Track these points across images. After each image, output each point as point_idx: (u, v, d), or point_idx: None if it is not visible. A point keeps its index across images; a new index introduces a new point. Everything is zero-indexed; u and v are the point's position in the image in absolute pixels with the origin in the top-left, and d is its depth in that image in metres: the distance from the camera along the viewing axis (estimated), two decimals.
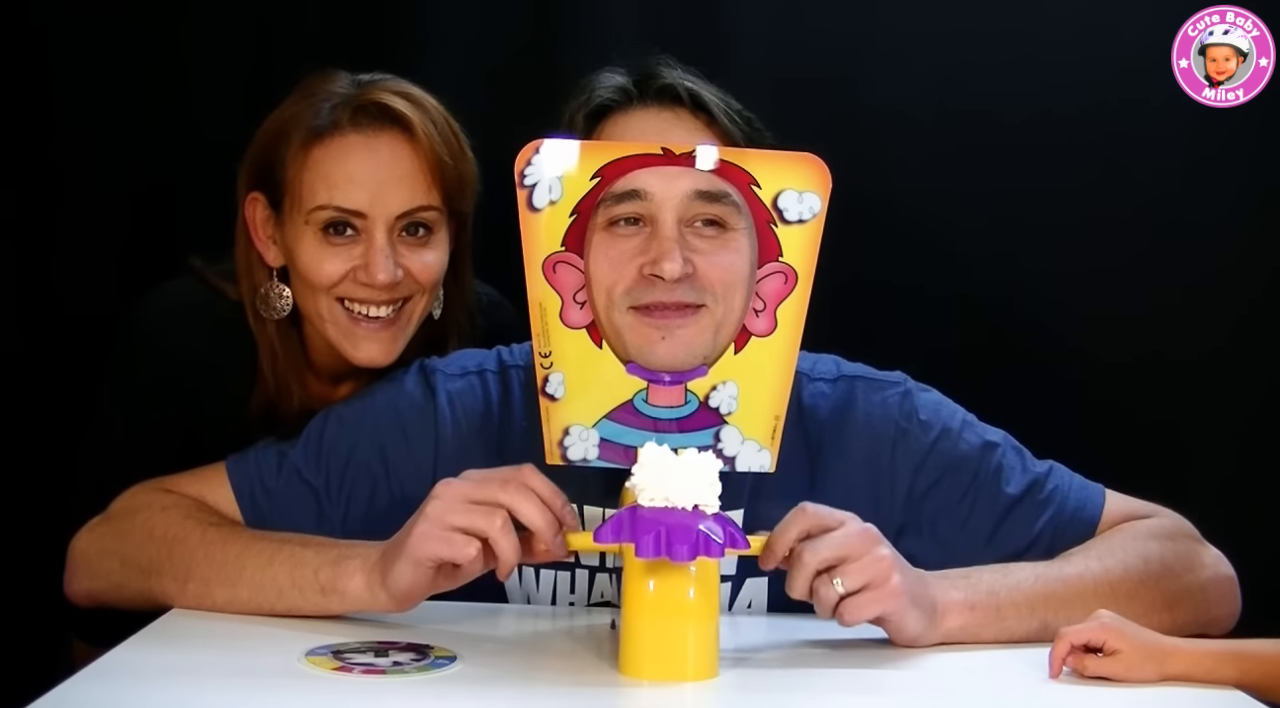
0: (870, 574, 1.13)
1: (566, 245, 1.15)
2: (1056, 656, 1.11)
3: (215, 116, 1.72)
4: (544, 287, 1.15)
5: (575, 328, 1.16)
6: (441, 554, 1.11)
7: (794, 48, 1.75)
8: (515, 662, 1.14)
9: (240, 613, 1.20)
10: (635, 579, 1.09)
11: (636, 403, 1.16)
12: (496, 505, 1.11)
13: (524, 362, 1.35)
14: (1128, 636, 1.11)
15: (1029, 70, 1.74)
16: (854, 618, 1.13)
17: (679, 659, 1.09)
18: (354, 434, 1.32)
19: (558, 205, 1.14)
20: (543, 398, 1.15)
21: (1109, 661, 1.11)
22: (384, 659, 1.10)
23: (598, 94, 1.30)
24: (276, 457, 1.32)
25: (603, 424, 1.16)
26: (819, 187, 1.16)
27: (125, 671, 1.07)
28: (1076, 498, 1.33)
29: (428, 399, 1.33)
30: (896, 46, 1.76)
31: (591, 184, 1.15)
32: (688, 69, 1.31)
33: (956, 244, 1.76)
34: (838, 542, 1.13)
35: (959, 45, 1.75)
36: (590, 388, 1.16)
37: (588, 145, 1.17)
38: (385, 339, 1.39)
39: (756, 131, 1.31)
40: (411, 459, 1.31)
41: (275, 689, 1.04)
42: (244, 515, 1.30)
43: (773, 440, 1.17)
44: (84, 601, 1.31)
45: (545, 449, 1.16)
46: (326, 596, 1.18)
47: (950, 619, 1.19)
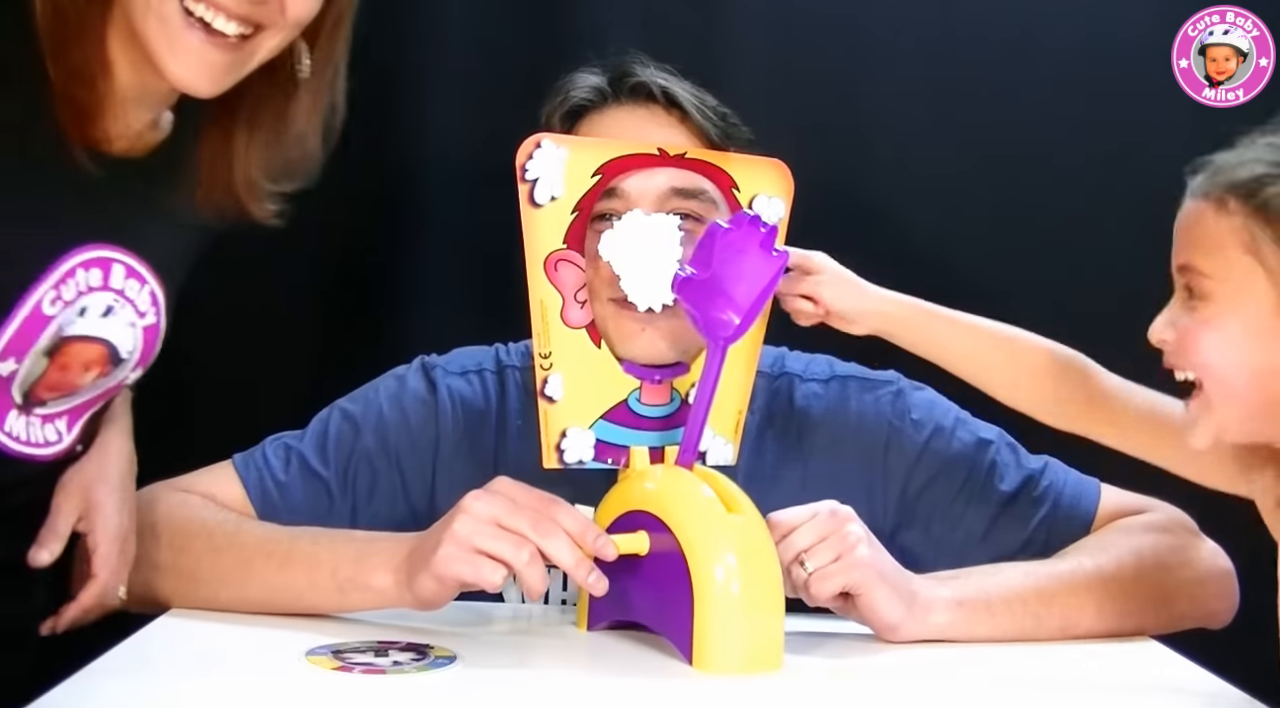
0: (836, 549, 1.14)
1: (568, 243, 1.16)
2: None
3: None
4: (545, 285, 1.16)
5: (576, 327, 1.17)
6: (466, 577, 1.10)
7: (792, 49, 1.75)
8: (515, 662, 1.14)
9: (251, 611, 1.19)
10: (704, 571, 1.08)
11: (630, 402, 1.17)
12: (525, 539, 1.09)
13: (520, 362, 1.38)
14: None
15: (1029, 70, 1.74)
16: (820, 590, 1.14)
17: (751, 651, 1.09)
18: (359, 425, 1.34)
19: (559, 202, 1.15)
20: (542, 400, 1.15)
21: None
22: (384, 659, 1.10)
23: (573, 95, 1.33)
24: (284, 451, 1.33)
25: (599, 425, 1.16)
26: (783, 191, 1.23)
27: (125, 670, 1.06)
28: (1071, 494, 1.33)
29: (430, 393, 1.35)
30: (894, 46, 1.75)
31: (593, 181, 1.15)
32: (661, 67, 1.34)
33: (954, 244, 1.76)
34: (808, 531, 1.14)
35: (958, 45, 1.75)
36: (588, 389, 1.17)
37: (588, 142, 1.18)
38: (216, 64, 1.08)
39: (733, 127, 1.34)
40: (415, 452, 1.33)
41: (275, 689, 1.04)
42: (256, 509, 1.30)
43: (735, 434, 1.21)
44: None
45: (543, 453, 1.16)
46: (346, 593, 1.17)
47: (936, 614, 1.19)
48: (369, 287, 1.72)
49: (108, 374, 1.15)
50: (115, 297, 1.13)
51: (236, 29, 1.07)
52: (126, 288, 1.13)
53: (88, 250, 1.10)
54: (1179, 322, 1.03)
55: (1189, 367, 1.03)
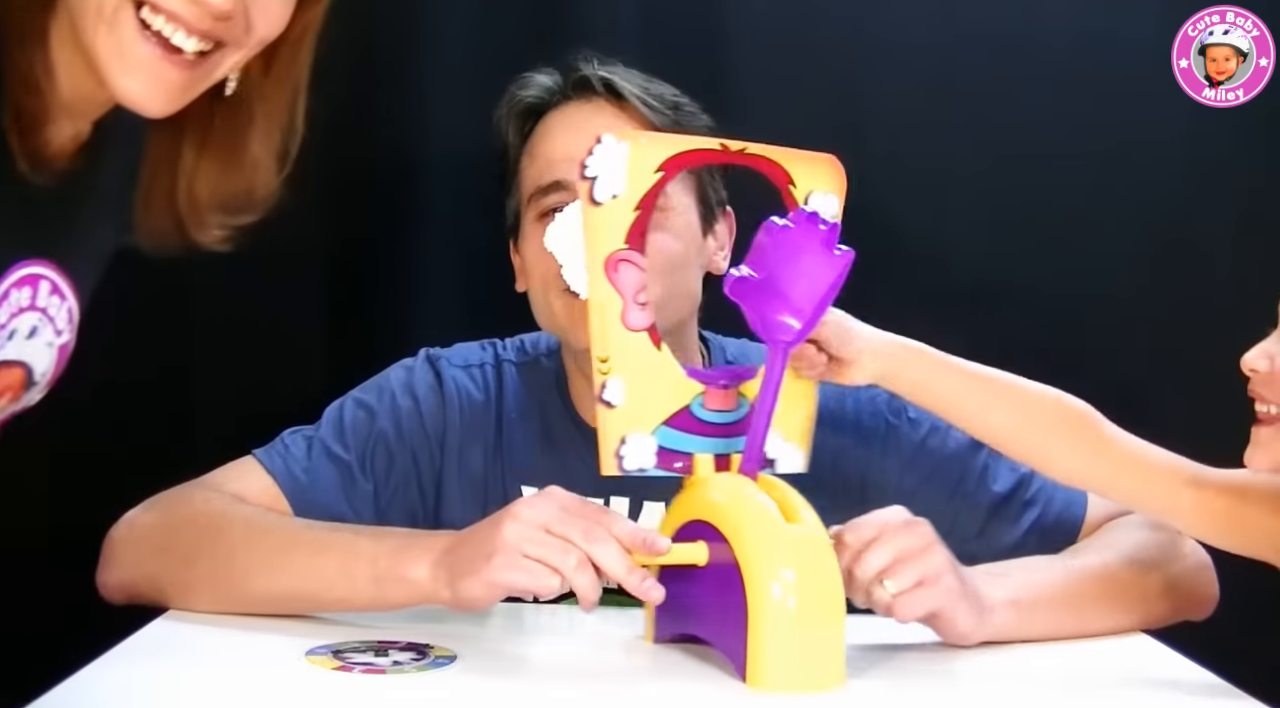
0: (920, 572, 1.12)
1: (629, 243, 1.12)
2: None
3: None
4: (605, 287, 1.11)
5: (637, 330, 1.13)
6: (520, 584, 1.09)
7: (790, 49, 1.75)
8: (515, 662, 1.14)
9: (278, 607, 1.19)
10: (759, 585, 1.05)
11: (694, 408, 1.14)
12: (573, 545, 1.08)
13: (516, 357, 1.42)
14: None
15: (1028, 70, 1.74)
16: (906, 615, 1.13)
17: (809, 668, 1.06)
18: (374, 411, 1.37)
19: (620, 200, 1.11)
20: (600, 405, 1.12)
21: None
22: (384, 659, 1.10)
23: (521, 95, 1.37)
24: (303, 440, 1.35)
25: (661, 431, 1.13)
26: (837, 188, 1.19)
27: (125, 671, 1.07)
28: (1062, 499, 1.35)
29: (438, 384, 1.38)
30: (894, 45, 1.75)
31: (655, 178, 1.12)
32: (605, 61, 1.36)
33: (953, 243, 1.76)
34: (886, 549, 1.12)
35: (957, 46, 1.75)
36: (650, 394, 1.12)
37: (649, 138, 1.15)
38: (172, 82, 0.97)
39: (688, 115, 1.35)
40: (425, 439, 1.36)
41: (275, 689, 1.04)
42: (286, 495, 1.31)
43: (805, 440, 1.18)
44: (116, 593, 1.29)
45: (600, 460, 1.12)
46: (382, 585, 1.15)
47: (997, 615, 1.18)
48: (369, 284, 1.72)
49: (17, 400, 1.05)
50: (40, 316, 1.03)
51: (196, 45, 0.96)
52: (49, 305, 1.04)
53: (22, 268, 1.01)
54: (1278, 357, 1.09)
55: (1276, 399, 1.08)
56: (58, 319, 1.05)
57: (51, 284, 1.04)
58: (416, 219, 1.71)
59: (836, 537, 1.12)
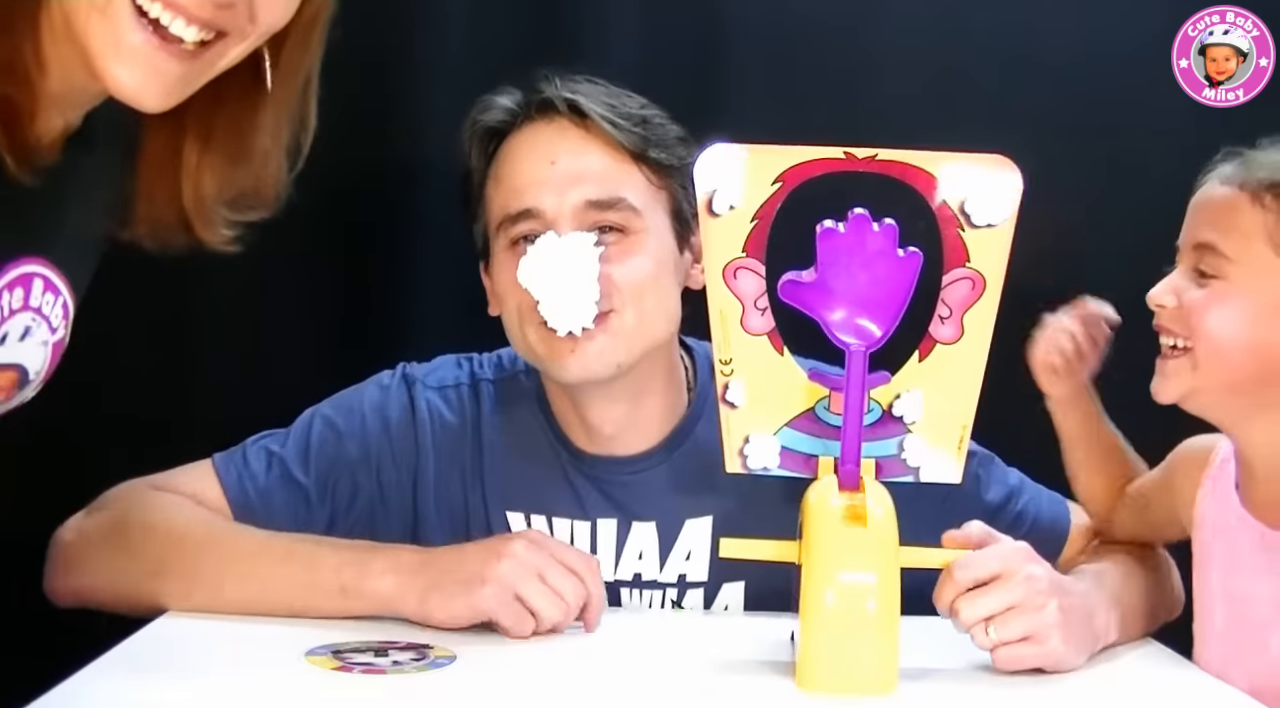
0: (1028, 627, 1.11)
1: (747, 251, 1.12)
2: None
3: None
4: (724, 293, 1.12)
5: (757, 334, 1.13)
6: (502, 620, 1.16)
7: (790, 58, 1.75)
8: (515, 662, 1.14)
9: (249, 613, 1.20)
10: (813, 591, 1.06)
11: (818, 411, 1.13)
12: (565, 602, 1.17)
13: (493, 374, 1.40)
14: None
15: (1028, 70, 1.74)
16: (1006, 666, 1.12)
17: (858, 672, 1.06)
18: (342, 433, 1.35)
19: (738, 211, 1.11)
20: (723, 405, 1.13)
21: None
22: (384, 659, 1.10)
23: (482, 119, 1.35)
24: (265, 454, 1.33)
25: (784, 432, 1.13)
26: (1009, 189, 1.15)
27: (125, 671, 1.07)
28: (1049, 510, 1.39)
29: (410, 409, 1.37)
30: (894, 45, 1.75)
31: (773, 189, 1.11)
32: (568, 78, 1.33)
33: None
34: (999, 596, 1.11)
35: (958, 45, 1.75)
36: (772, 395, 1.14)
37: (768, 150, 1.12)
38: (169, 74, 0.91)
39: (656, 127, 1.33)
40: (395, 464, 1.35)
41: (275, 689, 1.04)
42: (233, 510, 1.30)
43: (959, 449, 1.15)
44: (68, 599, 1.28)
45: (725, 457, 1.14)
46: (347, 597, 1.18)
47: (1105, 639, 1.19)
48: (368, 284, 1.72)
49: (9, 399, 1.04)
50: (33, 316, 1.02)
51: (196, 35, 0.91)
52: (43, 303, 1.02)
53: (15, 268, 0.98)
54: (1185, 292, 1.15)
55: (1186, 332, 1.15)
56: (52, 317, 1.04)
57: (45, 281, 1.02)
58: (416, 220, 1.71)
59: (947, 570, 1.12)
